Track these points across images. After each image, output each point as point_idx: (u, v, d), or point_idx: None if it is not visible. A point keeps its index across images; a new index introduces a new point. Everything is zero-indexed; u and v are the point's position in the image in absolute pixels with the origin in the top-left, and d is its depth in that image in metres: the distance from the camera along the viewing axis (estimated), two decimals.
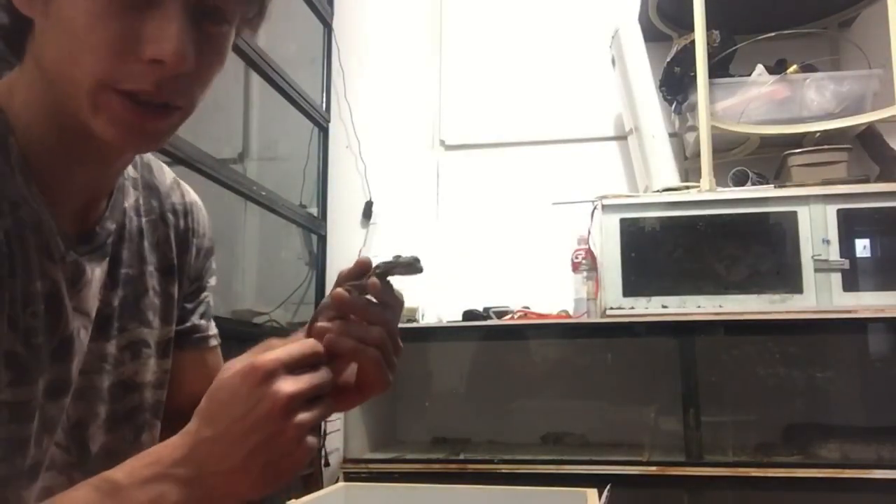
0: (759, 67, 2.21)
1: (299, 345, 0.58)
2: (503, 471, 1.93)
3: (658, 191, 2.14)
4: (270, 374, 0.54)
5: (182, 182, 0.84)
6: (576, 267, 2.21)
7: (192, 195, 0.84)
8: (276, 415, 0.53)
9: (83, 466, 0.64)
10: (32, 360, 0.59)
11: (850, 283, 1.89)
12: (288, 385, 0.54)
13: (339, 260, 2.66)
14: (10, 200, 0.58)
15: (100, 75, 0.56)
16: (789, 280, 1.93)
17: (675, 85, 2.32)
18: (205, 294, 0.86)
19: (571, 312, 2.23)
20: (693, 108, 2.21)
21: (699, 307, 1.96)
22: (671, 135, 2.36)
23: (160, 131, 0.61)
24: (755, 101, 2.17)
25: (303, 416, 0.54)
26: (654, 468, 1.87)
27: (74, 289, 0.64)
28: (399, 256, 0.72)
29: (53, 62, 0.59)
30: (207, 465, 0.54)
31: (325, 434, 2.41)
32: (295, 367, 0.56)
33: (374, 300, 0.65)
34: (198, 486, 0.54)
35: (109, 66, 0.56)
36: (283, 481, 0.56)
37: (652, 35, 2.43)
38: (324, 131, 2.68)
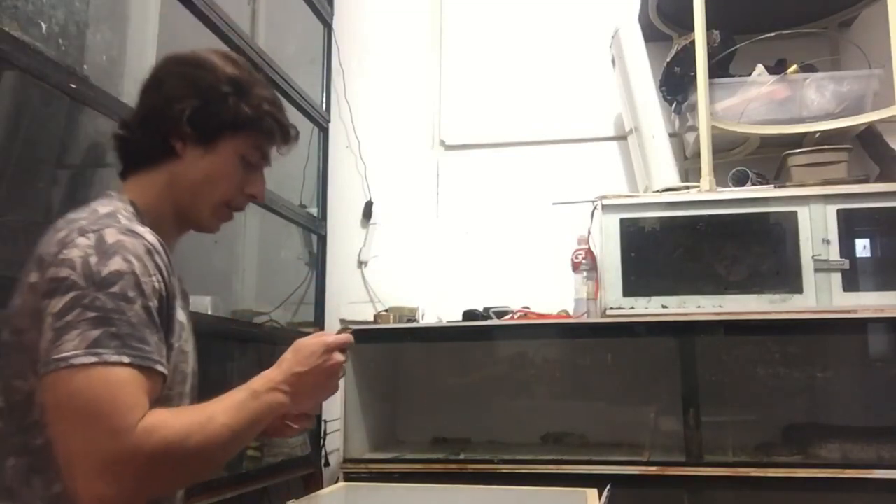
0: (759, 67, 2.21)
1: (344, 337, 1.04)
2: (503, 471, 1.93)
3: (658, 191, 2.14)
4: (333, 347, 1.01)
5: None
6: (576, 267, 2.21)
7: None
8: (334, 370, 1.02)
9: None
10: (185, 331, 1.02)
11: (850, 283, 1.89)
12: (339, 356, 1.02)
13: (340, 260, 2.67)
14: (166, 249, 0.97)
15: (225, 199, 1.05)
16: (789, 280, 1.93)
17: (675, 85, 2.32)
18: None
19: (571, 312, 2.23)
20: (693, 108, 2.21)
21: (699, 307, 1.96)
22: (671, 135, 2.36)
23: (221, 225, 1.11)
24: (755, 101, 2.17)
25: (340, 373, 1.03)
26: (654, 468, 1.87)
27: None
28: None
29: (195, 183, 1.02)
30: (297, 386, 0.98)
31: (325, 434, 2.42)
32: (344, 348, 1.03)
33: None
34: (291, 395, 0.97)
35: (230, 195, 1.05)
36: (321, 400, 1.08)
37: (652, 35, 2.43)
38: (324, 131, 2.68)
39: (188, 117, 0.98)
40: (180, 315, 0.98)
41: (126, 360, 0.81)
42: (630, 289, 2.00)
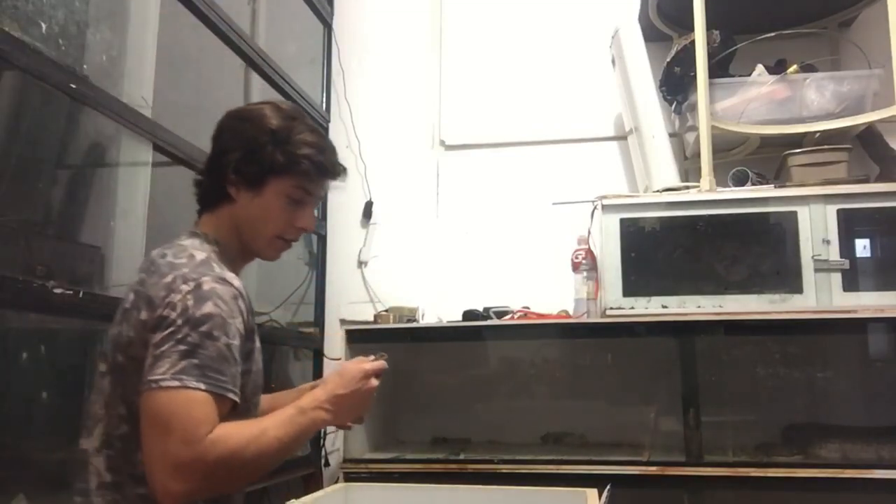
0: (759, 67, 2.21)
1: (380, 364, 1.20)
2: (503, 471, 1.93)
3: (658, 191, 2.14)
4: (370, 374, 1.18)
5: None
6: (576, 267, 2.21)
7: None
8: (370, 393, 1.18)
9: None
10: (258, 354, 1.19)
11: (850, 283, 1.89)
12: (374, 382, 1.18)
13: (340, 260, 2.66)
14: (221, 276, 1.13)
15: (277, 233, 1.23)
16: (789, 280, 1.93)
17: (675, 85, 2.32)
18: None
19: (571, 312, 2.23)
20: (693, 108, 2.21)
21: (699, 307, 1.96)
22: (671, 135, 2.36)
23: (280, 254, 1.29)
24: (755, 101, 2.17)
25: (370, 399, 1.19)
26: (654, 468, 1.87)
27: None
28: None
29: (249, 221, 1.21)
30: (338, 406, 1.14)
31: (325, 434, 2.42)
32: (375, 374, 1.19)
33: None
34: (333, 413, 1.13)
35: (282, 230, 1.23)
36: (357, 421, 1.26)
37: (652, 35, 2.43)
38: (324, 131, 2.68)
39: (234, 167, 1.18)
40: (257, 342, 1.18)
41: (203, 386, 1.00)
42: (630, 289, 2.00)
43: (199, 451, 0.97)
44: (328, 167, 1.23)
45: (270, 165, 1.18)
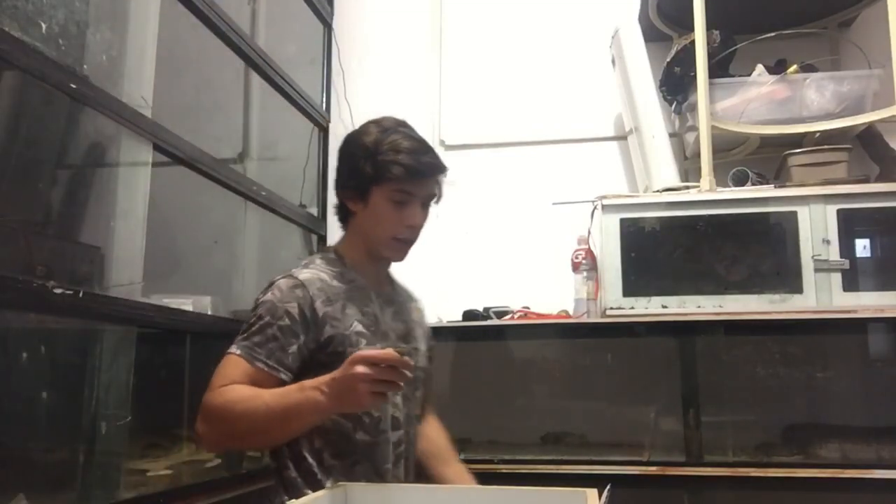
0: (759, 67, 2.21)
1: (375, 353, 1.10)
2: (503, 471, 1.93)
3: (658, 191, 2.14)
4: (354, 361, 1.09)
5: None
6: (576, 267, 2.21)
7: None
8: (353, 379, 1.08)
9: None
10: (343, 336, 1.31)
11: (850, 283, 1.89)
12: (360, 369, 1.08)
13: None
14: (349, 279, 1.37)
15: (391, 234, 1.36)
16: (789, 280, 1.93)
17: (675, 85, 2.32)
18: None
19: (571, 312, 2.23)
20: (693, 108, 2.21)
21: (699, 307, 1.96)
22: (671, 135, 2.36)
23: (407, 252, 1.41)
24: (755, 101, 2.17)
25: (361, 385, 1.08)
26: (654, 468, 1.87)
27: (383, 314, 1.39)
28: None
29: (366, 229, 1.39)
30: (332, 389, 1.12)
31: None
32: (371, 362, 1.08)
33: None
34: (328, 396, 1.12)
35: (394, 231, 1.36)
36: (353, 408, 1.20)
37: (652, 35, 2.43)
38: (324, 131, 2.68)
39: (342, 184, 1.40)
40: (355, 327, 1.32)
41: (238, 352, 1.23)
42: (630, 289, 2.00)
43: (209, 397, 1.18)
44: (419, 167, 1.34)
45: (367, 177, 1.34)
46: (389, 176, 1.33)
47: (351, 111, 2.76)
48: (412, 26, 2.81)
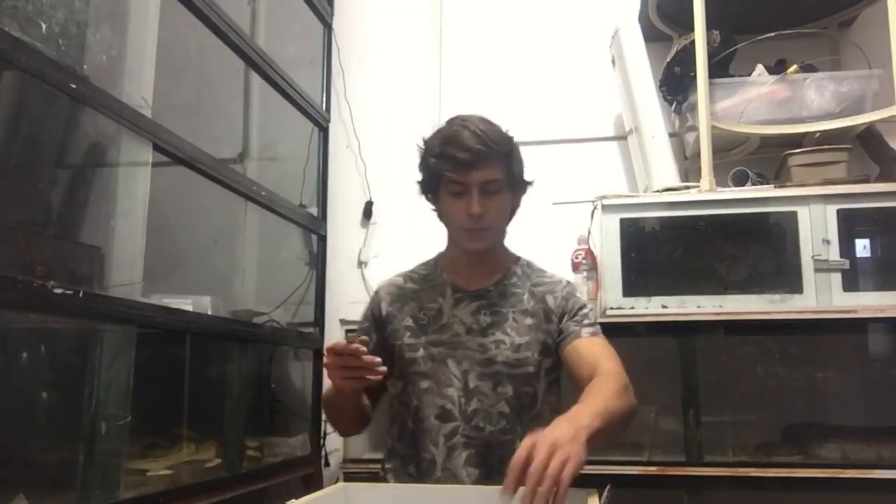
0: (759, 67, 2.21)
1: (334, 344, 1.22)
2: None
3: (658, 191, 2.14)
4: (327, 350, 1.23)
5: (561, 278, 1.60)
6: (576, 267, 2.21)
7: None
8: (328, 364, 1.25)
9: None
10: (411, 332, 1.46)
11: (850, 283, 1.89)
12: (324, 360, 1.25)
13: (340, 260, 2.66)
14: (428, 279, 1.52)
15: (458, 225, 1.42)
16: (789, 280, 1.93)
17: (675, 85, 2.32)
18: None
19: None
20: (693, 108, 2.21)
21: (699, 307, 1.96)
22: (671, 135, 2.36)
23: (481, 240, 1.44)
24: (755, 101, 2.17)
25: (330, 373, 1.26)
26: (654, 468, 1.87)
27: (454, 308, 1.46)
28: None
29: (446, 224, 1.48)
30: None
31: (325, 434, 2.42)
32: (331, 352, 1.23)
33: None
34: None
35: (458, 221, 1.41)
36: (341, 391, 1.30)
37: (652, 35, 2.43)
38: (324, 131, 2.68)
39: (422, 186, 1.50)
40: (407, 320, 1.47)
41: None
42: (630, 289, 2.00)
43: None
44: (454, 157, 1.37)
45: (430, 175, 1.44)
46: (437, 173, 1.41)
47: (351, 111, 2.76)
48: (412, 26, 2.81)
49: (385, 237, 2.68)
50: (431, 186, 1.46)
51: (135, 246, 1.59)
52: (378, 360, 1.22)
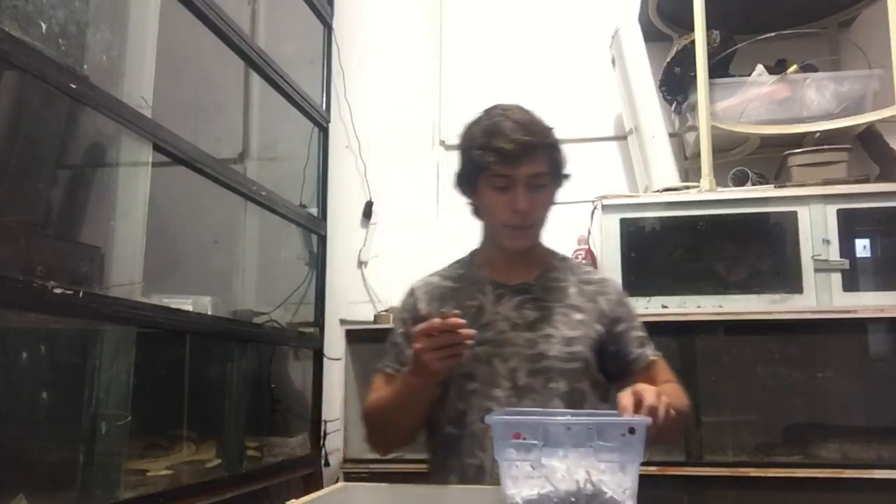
0: (759, 67, 2.21)
1: (422, 325, 1.16)
2: None
3: (658, 191, 2.14)
4: (414, 339, 1.18)
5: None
6: None
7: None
8: (416, 355, 1.17)
9: None
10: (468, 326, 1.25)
11: (850, 283, 1.89)
12: (416, 345, 1.16)
13: (340, 260, 2.66)
14: (465, 276, 1.43)
15: (500, 222, 1.34)
16: (789, 280, 1.93)
17: (675, 85, 2.32)
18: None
19: None
20: (693, 108, 2.21)
21: (699, 307, 1.96)
22: (671, 135, 2.36)
23: (525, 238, 1.37)
24: (755, 101, 2.17)
25: (425, 357, 1.15)
26: (654, 468, 1.87)
27: (496, 304, 1.36)
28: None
29: (485, 219, 1.40)
30: (412, 366, 1.21)
31: (326, 434, 2.42)
32: (423, 334, 1.15)
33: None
34: (411, 373, 1.22)
35: (501, 218, 1.33)
36: (433, 377, 1.20)
37: (652, 35, 2.43)
38: (324, 131, 2.68)
39: (458, 179, 1.41)
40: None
41: (377, 367, 1.39)
42: (630, 289, 1.99)
43: (363, 408, 1.39)
44: (500, 149, 1.28)
45: (471, 168, 1.34)
46: (480, 165, 1.31)
47: (351, 111, 2.76)
48: (412, 26, 2.81)
49: (385, 237, 2.68)
50: (470, 180, 1.36)
51: (135, 246, 1.59)
52: (472, 331, 1.15)
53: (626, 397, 1.04)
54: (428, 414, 1.32)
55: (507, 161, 1.28)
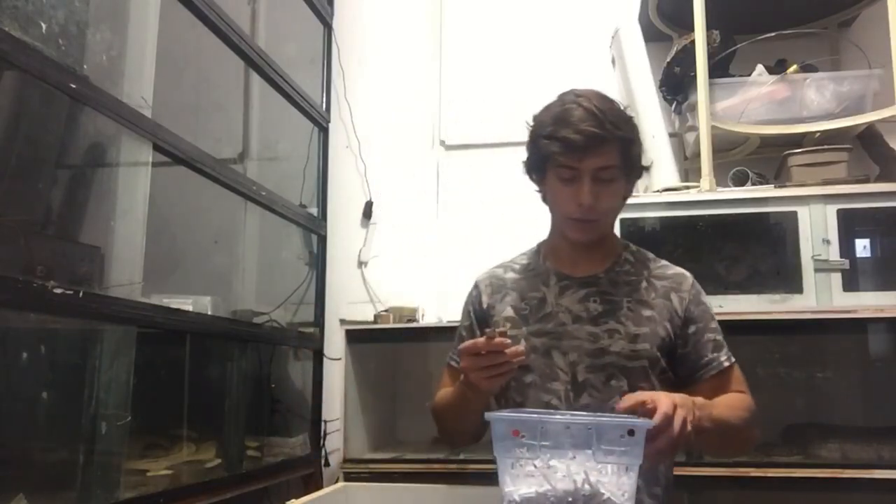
0: (759, 67, 2.21)
1: (465, 344, 1.15)
2: None
3: (658, 191, 2.14)
4: (462, 353, 1.15)
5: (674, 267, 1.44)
6: None
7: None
8: (465, 372, 1.17)
9: None
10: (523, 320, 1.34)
11: (850, 283, 1.89)
12: (463, 363, 1.16)
13: (340, 260, 2.66)
14: (530, 268, 1.42)
15: (565, 214, 1.29)
16: (789, 280, 1.93)
17: (675, 85, 2.32)
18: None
19: None
20: (693, 108, 2.21)
21: None
22: (671, 135, 2.36)
23: (590, 231, 1.30)
24: (755, 101, 2.17)
25: (472, 376, 1.15)
26: None
27: (560, 296, 1.33)
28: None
29: (552, 209, 1.36)
30: (465, 378, 1.19)
31: (325, 434, 2.42)
32: (468, 353, 1.14)
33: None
34: (465, 384, 1.20)
35: (567, 210, 1.28)
36: (483, 393, 1.20)
37: (652, 35, 2.43)
38: (324, 131, 2.68)
39: (528, 166, 1.37)
40: (509, 310, 1.36)
41: (447, 359, 1.43)
42: None
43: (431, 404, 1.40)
44: (566, 139, 1.22)
45: (539, 157, 1.31)
46: (547, 154, 1.26)
47: (351, 111, 2.76)
48: (412, 26, 2.81)
49: (385, 237, 2.68)
50: (538, 168, 1.33)
51: (135, 246, 1.59)
52: (521, 348, 1.13)
53: (628, 398, 1.03)
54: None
55: (573, 153, 1.23)
